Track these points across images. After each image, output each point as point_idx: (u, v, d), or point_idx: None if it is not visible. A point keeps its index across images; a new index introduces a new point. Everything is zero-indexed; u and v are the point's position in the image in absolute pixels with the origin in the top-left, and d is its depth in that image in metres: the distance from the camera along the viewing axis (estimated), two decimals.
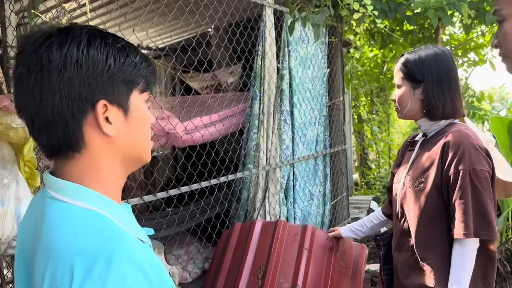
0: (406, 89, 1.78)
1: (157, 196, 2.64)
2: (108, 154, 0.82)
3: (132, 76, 0.81)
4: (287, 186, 3.83)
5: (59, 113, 0.75)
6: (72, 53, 0.74)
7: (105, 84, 0.77)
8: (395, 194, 1.86)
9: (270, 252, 2.31)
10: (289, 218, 3.81)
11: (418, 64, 1.75)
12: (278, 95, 3.74)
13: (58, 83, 0.74)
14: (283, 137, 3.74)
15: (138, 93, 0.84)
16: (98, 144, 0.80)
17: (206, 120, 3.61)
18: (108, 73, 0.77)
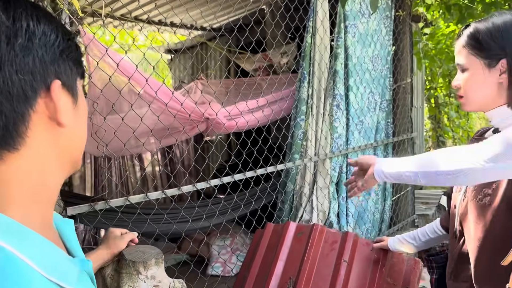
0: (476, 70, 1.32)
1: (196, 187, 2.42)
2: (48, 153, 0.65)
3: (77, 57, 0.70)
4: (339, 179, 3.43)
5: (8, 91, 0.59)
6: (21, 17, 0.61)
7: (59, 61, 0.65)
8: (454, 206, 1.44)
9: (303, 261, 1.98)
10: (340, 215, 3.43)
11: (494, 35, 1.28)
12: (331, 77, 3.33)
13: (8, 52, 0.59)
14: (335, 124, 3.33)
15: (79, 79, 0.71)
16: (41, 139, 0.63)
17: (252, 105, 3.31)
18: (59, 47, 0.65)
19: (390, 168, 1.32)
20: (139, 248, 1.50)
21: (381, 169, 1.35)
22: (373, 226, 3.84)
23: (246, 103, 2.98)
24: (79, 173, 4.24)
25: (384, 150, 3.97)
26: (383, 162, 1.37)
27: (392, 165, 1.33)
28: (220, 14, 4.92)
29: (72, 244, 0.76)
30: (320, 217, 3.27)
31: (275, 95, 3.48)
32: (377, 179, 1.38)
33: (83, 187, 4.25)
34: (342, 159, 3.44)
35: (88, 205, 1.90)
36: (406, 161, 1.28)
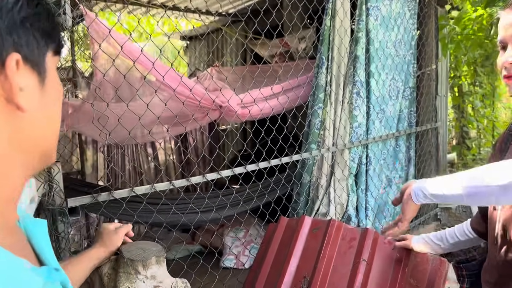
0: None
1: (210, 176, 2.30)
2: (5, 143, 0.54)
3: (49, 27, 0.59)
4: (358, 171, 3.26)
5: None
6: None
7: (18, 31, 0.54)
8: (493, 208, 1.27)
9: (318, 259, 1.84)
10: (359, 208, 3.26)
11: None
12: (351, 62, 3.14)
13: None
14: (354, 113, 3.15)
15: (52, 55, 0.60)
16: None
17: (266, 92, 3.16)
18: (20, 14, 0.54)
19: (432, 187, 1.17)
20: (139, 244, 1.38)
21: (420, 187, 1.19)
22: (393, 219, 3.66)
23: (260, 90, 2.82)
24: (92, 162, 4.18)
25: (407, 140, 3.77)
26: (422, 181, 1.22)
27: (433, 183, 1.17)
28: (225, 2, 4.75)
29: (43, 249, 0.65)
30: (337, 210, 3.12)
31: (291, 82, 3.31)
32: (414, 201, 1.22)
33: (96, 176, 4.18)
34: (362, 149, 3.27)
35: (90, 196, 1.79)
36: (450, 178, 1.12)
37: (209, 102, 2.91)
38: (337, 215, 3.11)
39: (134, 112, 2.07)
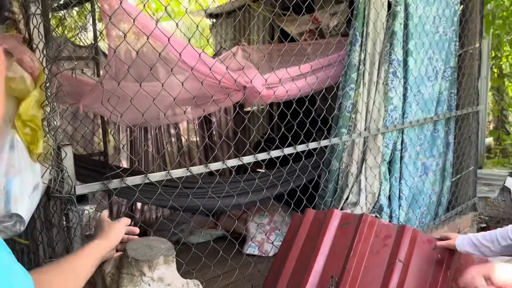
0: None
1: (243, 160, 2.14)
2: None
3: None
4: (392, 158, 3.03)
5: None
6: None
7: None
8: None
9: (348, 258, 1.66)
10: (392, 198, 3.04)
11: None
12: (387, 39, 2.88)
13: None
14: (390, 94, 2.90)
15: None
16: None
17: (294, 72, 2.93)
18: None
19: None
20: (146, 241, 1.23)
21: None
22: (428, 209, 3.43)
23: (286, 70, 2.61)
24: (113, 144, 4.09)
25: (446, 125, 3.49)
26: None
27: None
28: None
29: None
30: (368, 199, 2.91)
31: (321, 60, 3.07)
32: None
33: (118, 158, 4.10)
34: (397, 134, 3.03)
35: (101, 183, 1.66)
36: None
37: (231, 82, 2.73)
38: (368, 205, 2.91)
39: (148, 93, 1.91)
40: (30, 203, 1.42)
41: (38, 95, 1.50)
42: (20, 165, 1.42)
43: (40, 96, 1.52)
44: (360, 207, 2.84)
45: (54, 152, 1.59)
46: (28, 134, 1.48)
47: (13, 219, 1.37)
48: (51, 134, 1.55)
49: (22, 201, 1.38)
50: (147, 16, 2.03)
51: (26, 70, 1.54)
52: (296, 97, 2.93)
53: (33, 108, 1.47)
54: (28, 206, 1.41)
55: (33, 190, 1.46)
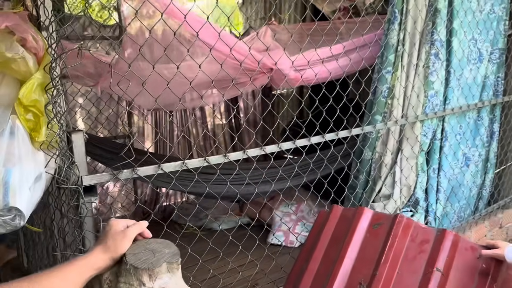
0: None
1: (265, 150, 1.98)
2: None
3: None
4: (431, 148, 2.79)
5: None
6: None
7: None
8: None
9: (379, 263, 1.48)
10: (429, 190, 2.82)
11: None
12: (430, 17, 2.61)
13: None
14: (431, 78, 2.65)
15: None
16: None
17: (324, 53, 2.72)
18: None
19: None
20: (149, 244, 1.09)
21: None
22: (468, 203, 3.18)
23: (316, 50, 2.40)
24: (137, 126, 4.01)
25: (491, 112, 3.20)
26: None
27: None
28: None
29: None
30: (403, 192, 2.70)
31: (355, 41, 2.83)
32: None
33: (142, 141, 4.03)
34: (437, 122, 2.78)
35: (110, 173, 1.54)
36: None
37: (255, 64, 2.55)
38: (402, 198, 2.70)
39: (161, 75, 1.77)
40: (30, 196, 1.31)
41: (41, 77, 1.38)
42: (21, 153, 1.31)
43: (43, 79, 1.40)
44: (393, 200, 2.64)
45: (60, 140, 1.47)
46: (30, 120, 1.37)
47: (12, 213, 1.27)
48: (56, 120, 1.43)
49: (22, 194, 1.27)
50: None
51: (30, 50, 1.42)
52: (326, 80, 2.73)
53: (35, 92, 1.35)
54: (28, 199, 1.30)
55: (35, 181, 1.35)
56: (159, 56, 2.51)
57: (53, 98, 1.40)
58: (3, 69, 1.37)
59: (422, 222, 2.80)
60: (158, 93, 2.68)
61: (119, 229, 1.03)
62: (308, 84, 2.74)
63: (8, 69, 1.37)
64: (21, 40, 1.40)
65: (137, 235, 1.08)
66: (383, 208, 2.61)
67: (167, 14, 1.77)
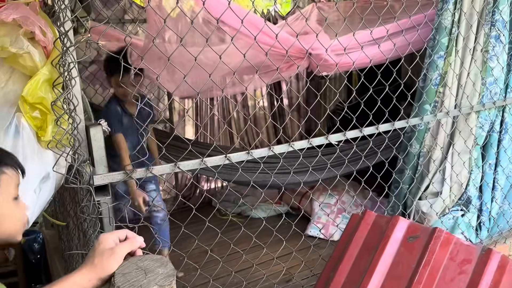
0: None
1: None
2: None
3: None
4: (488, 141, 2.50)
5: None
6: None
7: None
8: None
9: (412, 282, 1.31)
10: (483, 188, 2.54)
11: None
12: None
13: None
14: (490, 64, 2.35)
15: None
16: None
17: (364, 38, 2.47)
18: None
19: None
20: (142, 262, 1.00)
21: None
22: None
23: (353, 35, 2.18)
24: (179, 110, 3.97)
25: None
26: None
27: None
28: None
29: None
30: (453, 190, 2.45)
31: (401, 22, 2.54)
32: None
33: (183, 126, 3.99)
34: (496, 113, 2.48)
35: (123, 173, 1.47)
36: None
37: (296, 50, 2.38)
38: (452, 196, 2.45)
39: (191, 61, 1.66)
40: (36, 197, 1.27)
41: (47, 73, 1.31)
42: (26, 153, 1.26)
43: (50, 74, 1.33)
44: (442, 199, 2.41)
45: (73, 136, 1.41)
46: (37, 118, 1.31)
47: None
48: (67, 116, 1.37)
49: (25, 196, 1.22)
50: None
51: (39, 43, 1.35)
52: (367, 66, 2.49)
53: (40, 88, 1.29)
54: (33, 201, 1.26)
55: (42, 181, 1.30)
56: (190, 41, 2.41)
57: (62, 94, 1.33)
58: (12, 63, 1.32)
59: (475, 222, 2.54)
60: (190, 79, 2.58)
61: (108, 246, 0.95)
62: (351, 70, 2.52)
63: (16, 64, 1.32)
64: (29, 33, 1.34)
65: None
66: (430, 208, 2.39)
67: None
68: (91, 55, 3.18)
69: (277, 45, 2.15)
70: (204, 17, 2.09)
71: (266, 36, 2.23)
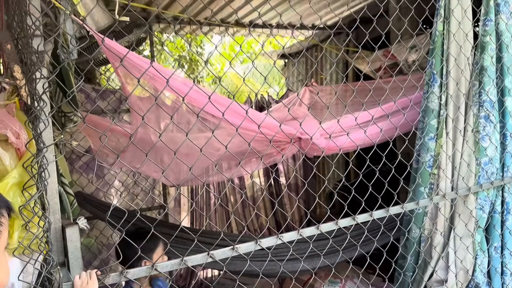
0: None
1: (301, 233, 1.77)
2: None
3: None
4: (490, 223, 2.39)
5: None
6: None
7: None
8: None
9: None
10: (492, 273, 2.38)
11: None
12: (475, 77, 2.33)
13: None
14: (482, 144, 2.32)
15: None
16: None
17: (363, 118, 2.48)
18: None
19: None
20: None
21: None
22: None
23: (340, 121, 2.17)
24: (174, 195, 3.91)
25: None
26: None
27: None
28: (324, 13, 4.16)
29: None
30: (459, 278, 2.29)
31: (399, 102, 2.56)
32: None
33: (178, 211, 3.90)
34: (495, 193, 2.40)
35: (119, 273, 1.37)
36: None
37: (282, 135, 2.37)
38: (459, 284, 2.29)
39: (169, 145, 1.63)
40: None
41: (17, 176, 1.27)
42: None
43: (21, 177, 1.28)
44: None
45: (44, 240, 1.34)
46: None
47: None
48: (37, 220, 1.30)
49: None
50: (163, 68, 1.78)
51: (12, 146, 1.33)
52: (360, 147, 2.47)
53: (8, 193, 1.24)
54: None
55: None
56: (177, 127, 2.41)
57: (32, 197, 1.27)
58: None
59: None
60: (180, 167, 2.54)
61: None
62: (346, 151, 2.49)
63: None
64: (3, 135, 1.32)
65: None
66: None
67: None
68: (85, 145, 3.18)
69: (265, 131, 2.15)
70: (187, 108, 2.10)
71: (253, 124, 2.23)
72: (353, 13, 4.01)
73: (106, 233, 3.39)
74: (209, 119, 2.09)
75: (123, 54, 1.43)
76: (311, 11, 4.04)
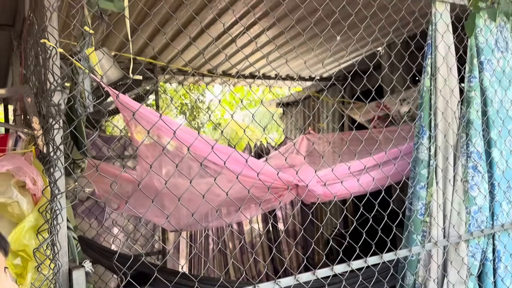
0: None
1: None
2: None
3: None
4: (482, 271, 2.45)
5: None
6: None
7: None
8: None
9: None
10: None
11: None
12: (462, 129, 2.47)
13: None
14: (472, 193, 2.42)
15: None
16: None
17: (356, 167, 2.60)
18: None
19: None
20: None
21: None
22: None
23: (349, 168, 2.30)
24: (173, 239, 3.95)
25: None
26: None
27: None
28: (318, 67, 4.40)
29: None
30: None
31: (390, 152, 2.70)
32: None
33: (177, 257, 3.93)
34: (486, 241, 2.47)
35: None
36: None
37: (279, 182, 2.48)
38: None
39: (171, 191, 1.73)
40: None
41: (33, 220, 1.37)
42: None
43: (36, 221, 1.38)
44: None
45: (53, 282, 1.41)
46: (18, 266, 1.33)
47: None
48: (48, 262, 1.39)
49: None
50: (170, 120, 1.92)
51: (29, 191, 1.44)
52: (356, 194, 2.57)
53: (24, 236, 1.33)
54: None
55: None
56: (178, 173, 2.52)
57: (45, 240, 1.37)
58: (0, 211, 1.38)
59: None
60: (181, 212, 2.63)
61: None
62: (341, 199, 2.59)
63: (4, 211, 1.38)
64: (17, 182, 1.42)
65: None
66: None
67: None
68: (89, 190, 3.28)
69: (264, 179, 2.26)
70: (189, 155, 2.22)
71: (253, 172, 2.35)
72: (343, 69, 4.25)
73: (105, 279, 3.41)
74: (210, 165, 2.20)
75: (135, 108, 1.57)
76: (309, 64, 4.27)
